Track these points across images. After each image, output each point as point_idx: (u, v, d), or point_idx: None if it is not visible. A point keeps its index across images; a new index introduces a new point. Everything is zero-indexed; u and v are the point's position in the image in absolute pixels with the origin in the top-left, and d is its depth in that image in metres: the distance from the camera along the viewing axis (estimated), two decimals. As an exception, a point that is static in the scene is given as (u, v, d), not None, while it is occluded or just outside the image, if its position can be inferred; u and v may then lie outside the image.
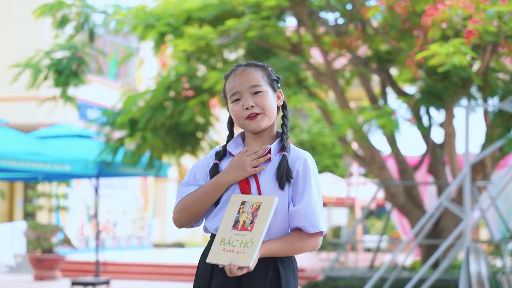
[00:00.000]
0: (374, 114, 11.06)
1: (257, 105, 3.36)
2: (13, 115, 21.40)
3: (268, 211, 3.19)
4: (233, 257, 3.15)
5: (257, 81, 3.38)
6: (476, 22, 9.59)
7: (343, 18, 12.79)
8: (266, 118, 3.36)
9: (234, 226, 3.22)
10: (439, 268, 10.36)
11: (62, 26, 12.64)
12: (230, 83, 3.41)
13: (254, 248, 3.15)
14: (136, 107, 12.81)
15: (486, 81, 11.76)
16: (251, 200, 3.24)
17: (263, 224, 3.18)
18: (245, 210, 3.23)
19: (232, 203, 3.27)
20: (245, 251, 3.15)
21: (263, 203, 3.22)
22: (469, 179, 10.12)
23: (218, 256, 3.19)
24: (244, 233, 3.19)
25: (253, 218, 3.21)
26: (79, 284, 13.79)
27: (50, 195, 18.35)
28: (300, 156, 3.39)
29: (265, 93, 3.38)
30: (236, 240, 3.19)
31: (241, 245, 3.17)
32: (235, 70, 3.43)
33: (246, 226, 3.20)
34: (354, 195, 23.15)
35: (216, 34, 11.49)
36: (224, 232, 3.23)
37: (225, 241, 3.20)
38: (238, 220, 3.22)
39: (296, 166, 3.35)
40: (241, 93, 3.38)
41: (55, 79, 12.87)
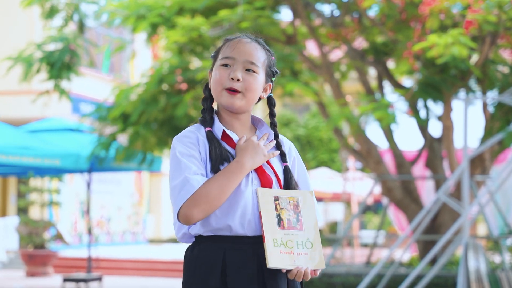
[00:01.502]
0: (371, 107, 10.94)
1: (244, 82, 3.02)
2: (5, 109, 21.28)
3: (312, 207, 3.00)
4: (296, 259, 2.89)
5: (257, 59, 3.06)
6: (476, 12, 9.40)
7: (339, 10, 12.65)
8: (244, 100, 3.03)
9: (279, 225, 2.92)
10: (437, 264, 10.24)
11: (51, 17, 12.48)
12: (230, 46, 3.07)
13: (318, 248, 2.94)
14: (129, 101, 12.65)
15: (485, 73, 11.65)
16: (284, 196, 2.97)
17: (315, 222, 2.98)
18: (284, 207, 2.94)
19: (264, 199, 2.93)
20: (307, 252, 2.91)
21: (300, 199, 2.99)
22: (467, 173, 9.97)
23: (278, 259, 2.87)
24: (296, 232, 2.93)
25: (297, 215, 2.95)
26: (71, 281, 13.69)
27: (42, 190, 18.23)
28: (290, 143, 3.22)
29: (257, 75, 3.05)
30: (290, 241, 2.90)
31: (298, 246, 2.91)
32: (242, 37, 3.10)
33: (294, 225, 2.93)
34: (351, 190, 23.02)
35: (209, 25, 11.32)
36: (273, 232, 2.89)
37: (278, 242, 2.89)
38: (280, 218, 2.93)
39: (292, 153, 3.16)
40: (234, 61, 3.04)
41: (48, 72, 12.73)
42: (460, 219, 9.96)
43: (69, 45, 12.69)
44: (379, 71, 13.22)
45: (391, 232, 26.28)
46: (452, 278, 11.95)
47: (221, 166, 2.97)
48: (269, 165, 3.05)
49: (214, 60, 3.12)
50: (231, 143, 3.05)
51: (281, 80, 11.32)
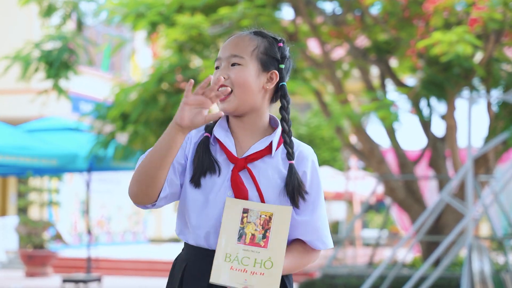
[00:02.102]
0: (373, 106, 10.84)
1: (230, 78, 2.78)
2: (4, 108, 21.21)
3: (286, 224, 2.70)
4: (247, 278, 2.65)
5: (240, 50, 2.81)
6: (481, 9, 9.27)
7: (341, 7, 12.59)
8: (236, 99, 2.77)
9: (239, 240, 2.69)
10: (441, 265, 10.16)
11: (49, 15, 12.40)
12: (221, 47, 2.87)
13: (277, 269, 2.66)
14: (128, 100, 12.56)
15: (489, 72, 11.56)
16: (257, 209, 2.71)
17: (283, 241, 2.69)
18: (251, 221, 2.70)
19: (230, 209, 2.71)
20: (264, 273, 2.65)
21: (275, 214, 2.71)
22: (471, 173, 9.89)
23: (225, 276, 2.66)
24: (257, 249, 2.68)
25: (265, 232, 2.69)
26: (70, 281, 13.61)
27: (42, 189, 18.17)
28: (307, 155, 2.87)
29: (243, 66, 2.79)
30: (246, 257, 2.67)
31: (255, 264, 2.66)
32: (234, 35, 2.90)
33: (258, 241, 2.68)
34: (353, 189, 22.91)
35: (209, 23, 11.21)
36: (227, 245, 2.67)
37: (232, 258, 2.66)
38: (243, 232, 2.69)
39: (302, 168, 2.83)
40: (222, 61, 2.83)
41: (46, 71, 12.65)
42: (464, 220, 9.89)
43: (67, 43, 12.61)
44: (381, 70, 13.16)
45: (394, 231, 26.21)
46: (456, 279, 11.85)
47: (202, 178, 2.77)
48: (250, 175, 2.79)
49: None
50: (223, 148, 2.83)
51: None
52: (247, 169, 2.78)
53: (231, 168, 2.78)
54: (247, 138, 2.84)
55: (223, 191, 2.76)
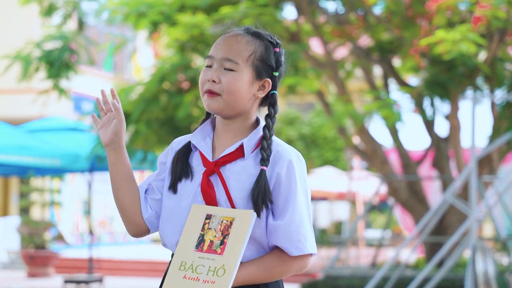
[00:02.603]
0: (376, 105, 10.79)
1: (222, 84, 2.67)
2: (5, 108, 21.18)
3: (244, 231, 2.56)
4: (199, 287, 2.53)
5: (235, 55, 2.68)
6: (484, 8, 9.20)
7: (343, 7, 12.53)
8: (224, 103, 2.67)
9: (197, 247, 2.58)
10: (444, 266, 10.11)
11: (50, 14, 12.37)
12: (215, 43, 2.75)
13: (228, 277, 2.52)
14: (130, 100, 12.52)
15: (493, 72, 11.50)
16: (219, 214, 2.60)
17: (239, 247, 2.55)
18: (212, 227, 2.59)
19: (193, 216, 2.61)
20: (215, 281, 2.52)
21: (237, 219, 2.58)
22: (475, 174, 9.82)
23: (177, 284, 2.55)
24: (212, 256, 2.56)
25: (223, 238, 2.57)
26: (72, 282, 13.59)
27: (43, 190, 18.15)
28: (283, 155, 2.69)
29: (237, 73, 2.67)
30: (201, 265, 2.55)
31: (208, 272, 2.53)
32: (230, 32, 2.76)
33: (215, 248, 2.56)
34: (356, 190, 22.85)
35: (211, 23, 11.16)
36: (184, 253, 2.58)
37: (186, 266, 2.56)
38: (203, 239, 2.59)
39: (277, 169, 2.66)
40: (213, 60, 2.71)
41: (47, 71, 12.61)
42: (467, 221, 9.83)
43: (68, 43, 12.57)
44: (384, 69, 13.12)
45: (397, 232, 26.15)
46: (459, 280, 11.79)
47: (179, 183, 2.72)
48: (222, 182, 2.67)
49: None
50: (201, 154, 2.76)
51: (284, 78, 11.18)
52: (217, 173, 2.67)
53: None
54: (227, 141, 2.75)
55: (194, 197, 2.69)
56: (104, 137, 2.75)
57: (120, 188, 2.78)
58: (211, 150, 2.73)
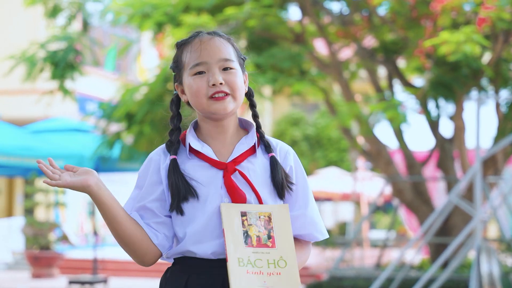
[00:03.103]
0: (381, 106, 10.79)
1: (227, 83, 2.70)
2: (9, 109, 21.19)
3: (287, 222, 2.67)
4: (266, 280, 2.58)
5: (229, 54, 2.73)
6: (489, 9, 9.19)
7: (348, 8, 12.54)
8: (234, 102, 2.70)
9: (246, 243, 2.62)
10: (449, 267, 10.10)
11: (54, 16, 12.40)
12: (194, 51, 2.72)
13: (293, 266, 2.61)
14: (134, 100, 12.53)
15: (498, 73, 11.49)
16: (254, 211, 2.66)
17: (290, 239, 2.65)
18: (253, 223, 2.64)
19: (228, 215, 2.64)
20: (281, 272, 2.60)
21: (274, 213, 2.67)
22: (480, 175, 9.81)
23: (244, 281, 2.58)
24: (266, 250, 2.62)
25: (268, 232, 2.65)
26: (76, 283, 13.60)
27: (48, 190, 18.16)
28: (288, 149, 2.82)
29: (236, 71, 2.73)
30: (259, 260, 2.60)
31: (269, 265, 2.60)
32: (200, 36, 2.75)
33: (264, 242, 2.63)
34: (360, 190, 22.83)
35: (215, 23, 11.16)
36: (237, 250, 2.60)
37: (245, 262, 2.59)
38: (248, 235, 2.63)
39: (288, 162, 2.77)
40: (208, 65, 2.70)
41: (52, 72, 12.63)
42: (472, 222, 9.82)
43: (73, 44, 12.59)
44: (389, 70, 13.11)
45: (402, 232, 26.13)
46: (464, 282, 11.77)
47: (183, 204, 2.68)
48: (246, 180, 2.70)
49: (177, 69, 2.80)
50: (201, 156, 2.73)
51: (289, 79, 11.17)
52: (238, 172, 2.70)
53: (220, 175, 2.69)
54: (224, 143, 2.76)
55: (219, 199, 2.67)
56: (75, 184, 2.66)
57: (122, 225, 2.68)
58: (214, 153, 2.73)
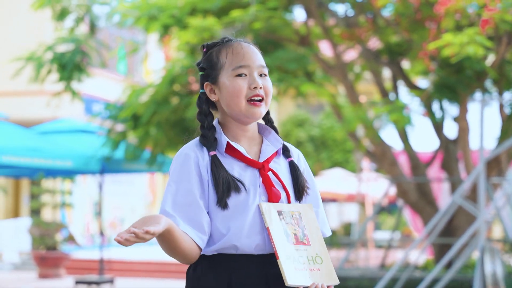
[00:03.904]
0: (386, 109, 10.83)
1: (264, 88, 2.82)
2: (16, 110, 21.26)
3: (314, 220, 2.83)
4: (311, 276, 2.70)
5: (263, 61, 2.86)
6: (492, 11, 9.24)
7: (353, 9, 12.53)
8: (265, 107, 2.82)
9: (289, 241, 2.74)
10: (453, 268, 10.15)
11: (62, 18, 12.46)
12: (236, 53, 2.83)
13: (329, 263, 2.77)
14: (140, 101, 12.60)
15: (502, 74, 11.52)
16: (287, 210, 2.78)
17: (320, 235, 2.82)
18: (288, 222, 2.76)
19: (268, 214, 2.74)
20: (320, 268, 2.73)
21: (302, 212, 2.81)
22: (483, 176, 9.85)
23: (295, 276, 2.68)
24: (304, 247, 2.75)
25: (302, 230, 2.78)
26: (83, 283, 13.68)
27: (54, 191, 18.23)
28: (299, 152, 2.97)
29: (268, 78, 2.86)
30: (300, 257, 2.72)
31: (309, 262, 2.73)
32: (237, 41, 2.88)
33: (302, 240, 2.76)
34: (365, 191, 22.85)
35: (221, 26, 11.21)
36: (284, 248, 2.71)
37: (291, 259, 2.70)
38: (288, 233, 2.75)
39: (301, 164, 2.93)
40: (250, 69, 2.81)
41: (59, 73, 12.71)
42: (476, 222, 9.85)
43: (80, 46, 12.65)
44: (393, 72, 13.11)
45: (406, 233, 26.14)
46: (468, 282, 11.81)
47: (228, 199, 2.73)
48: (278, 179, 2.82)
49: (212, 69, 2.88)
50: (236, 156, 2.81)
51: (295, 81, 11.23)
52: (272, 172, 2.82)
53: (256, 173, 2.80)
54: (249, 144, 2.87)
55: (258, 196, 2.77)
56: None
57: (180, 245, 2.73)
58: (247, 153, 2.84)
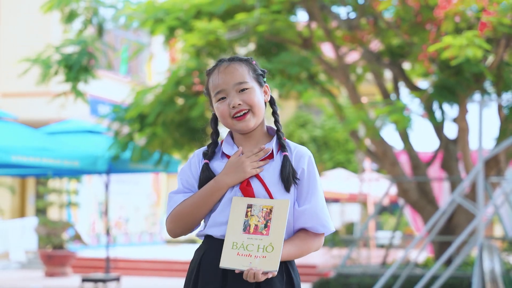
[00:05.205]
0: (386, 110, 10.95)
1: (245, 102, 3.18)
2: (23, 111, 21.37)
3: (284, 214, 3.11)
4: (252, 261, 3.05)
5: (242, 77, 3.20)
6: (490, 14, 9.42)
7: (355, 12, 12.63)
8: (254, 117, 3.19)
9: (244, 230, 3.11)
10: (452, 265, 10.26)
11: (71, 21, 12.58)
12: (214, 80, 3.23)
13: (277, 252, 3.06)
14: (146, 102, 12.74)
15: (500, 76, 11.62)
16: (259, 204, 3.13)
17: (282, 228, 3.10)
18: (254, 214, 3.12)
19: (236, 206, 3.14)
20: (266, 256, 3.06)
21: (275, 207, 3.13)
22: (482, 175, 10.00)
23: (232, 260, 3.07)
24: (260, 237, 3.09)
25: (266, 222, 3.11)
26: (90, 281, 13.78)
27: (61, 191, 18.35)
28: (304, 153, 3.25)
29: (252, 89, 3.20)
30: (251, 244, 3.08)
31: (258, 250, 3.07)
32: (219, 65, 3.24)
33: (260, 230, 3.10)
34: (367, 191, 22.99)
35: (226, 29, 11.38)
36: (234, 235, 3.10)
37: (238, 245, 3.08)
38: (248, 224, 3.11)
39: (301, 164, 3.22)
40: (226, 91, 3.20)
41: (66, 75, 12.83)
42: (475, 221, 9.99)
43: (87, 48, 12.78)
44: (394, 73, 13.19)
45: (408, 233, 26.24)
46: (467, 278, 11.95)
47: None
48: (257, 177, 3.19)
49: (208, 96, 3.28)
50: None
51: (298, 86, 11.40)
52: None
53: None
54: (251, 148, 3.24)
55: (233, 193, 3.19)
56: (240, 178, 3.20)
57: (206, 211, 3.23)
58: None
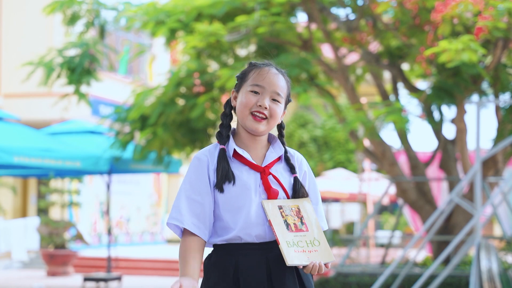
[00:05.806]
0: (385, 111, 11.02)
1: (270, 110, 3.36)
2: (26, 112, 21.44)
3: (311, 210, 3.40)
4: (309, 256, 3.28)
5: (282, 90, 3.39)
6: (486, 19, 9.52)
7: (354, 14, 12.72)
8: (267, 126, 3.37)
9: (288, 229, 3.32)
10: (450, 264, 10.34)
11: (73, 23, 12.68)
12: (261, 74, 3.39)
13: (325, 244, 3.34)
14: (147, 103, 12.84)
15: (497, 77, 11.70)
16: (287, 204, 3.36)
17: (317, 223, 3.38)
18: (288, 214, 3.35)
19: (270, 209, 3.33)
20: (317, 249, 3.31)
21: (300, 205, 3.39)
22: (480, 175, 10.08)
23: (295, 257, 3.26)
24: (303, 233, 3.33)
25: (300, 219, 3.36)
26: (91, 280, 13.87)
27: (63, 191, 18.41)
28: (302, 157, 3.52)
29: (280, 105, 3.39)
30: (300, 241, 3.31)
31: (308, 245, 3.31)
32: (270, 67, 3.41)
33: (300, 227, 3.34)
34: (367, 191, 23.06)
35: (226, 31, 11.47)
36: (284, 235, 3.30)
37: (290, 243, 3.29)
38: (287, 223, 3.33)
39: (303, 167, 3.48)
40: (264, 90, 3.37)
41: (68, 77, 12.93)
42: (472, 220, 10.07)
43: (89, 50, 12.87)
44: (393, 74, 13.27)
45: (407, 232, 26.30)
46: (465, 278, 12.05)
47: (224, 185, 3.32)
48: (275, 179, 3.36)
49: (241, 81, 3.42)
50: (242, 160, 3.37)
51: (297, 88, 11.48)
52: (271, 175, 3.38)
53: (258, 176, 3.37)
54: (256, 151, 3.43)
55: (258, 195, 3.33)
56: None
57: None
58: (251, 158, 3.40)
